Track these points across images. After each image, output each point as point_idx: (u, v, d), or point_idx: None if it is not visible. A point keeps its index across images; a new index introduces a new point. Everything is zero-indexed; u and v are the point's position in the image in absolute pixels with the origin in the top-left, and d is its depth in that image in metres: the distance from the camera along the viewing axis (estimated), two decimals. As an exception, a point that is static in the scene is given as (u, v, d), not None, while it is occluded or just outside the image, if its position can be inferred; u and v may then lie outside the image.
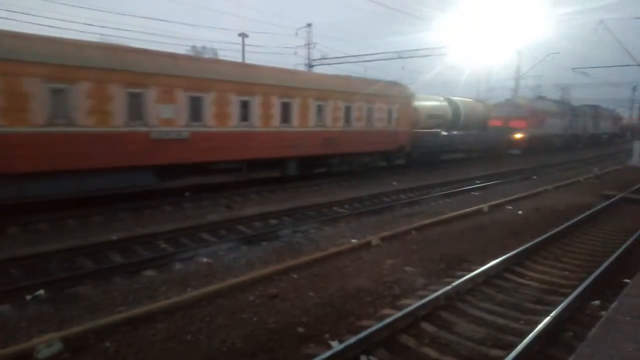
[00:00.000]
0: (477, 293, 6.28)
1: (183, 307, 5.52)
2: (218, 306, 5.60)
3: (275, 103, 13.95)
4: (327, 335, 4.99)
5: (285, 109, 14.29)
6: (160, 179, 11.68)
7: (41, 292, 5.97)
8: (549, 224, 10.20)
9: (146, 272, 7.03)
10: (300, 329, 5.10)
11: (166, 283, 6.37)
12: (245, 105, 13.14)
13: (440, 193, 14.79)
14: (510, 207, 12.50)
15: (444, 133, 22.83)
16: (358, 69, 39.98)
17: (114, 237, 8.56)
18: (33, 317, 5.24)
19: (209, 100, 12.18)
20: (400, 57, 36.10)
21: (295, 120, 14.61)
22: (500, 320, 5.38)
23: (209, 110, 12.19)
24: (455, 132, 24.05)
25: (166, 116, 11.31)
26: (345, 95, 16.33)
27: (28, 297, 5.83)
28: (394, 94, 18.65)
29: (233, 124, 12.85)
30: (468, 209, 11.72)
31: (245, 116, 13.15)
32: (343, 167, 16.93)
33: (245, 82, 13.12)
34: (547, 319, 5.06)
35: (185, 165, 12.05)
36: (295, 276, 6.69)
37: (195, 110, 11.93)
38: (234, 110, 12.85)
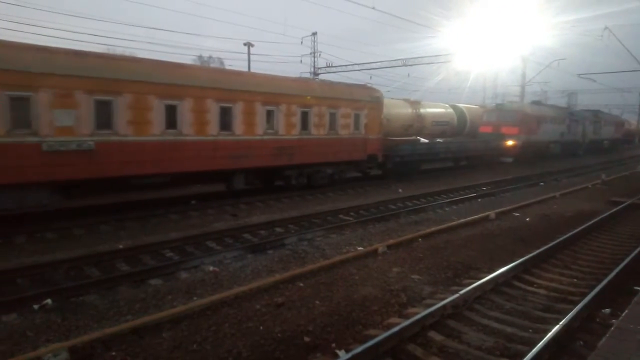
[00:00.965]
0: (485, 301, 6.22)
1: (189, 316, 5.51)
2: (224, 315, 5.59)
3: (212, 108, 12.06)
4: (333, 345, 4.95)
5: (225, 114, 12.41)
6: (63, 197, 10.09)
7: (48, 301, 5.98)
8: (557, 230, 10.11)
9: (152, 281, 7.02)
10: (307, 338, 5.07)
11: (172, 292, 6.37)
12: (172, 111, 11.23)
13: (447, 200, 14.71)
14: (517, 214, 12.42)
15: (424, 140, 21.28)
16: (363, 77, 40.08)
17: (121, 246, 8.58)
18: (40, 326, 5.25)
19: (121, 104, 10.34)
20: (405, 65, 36.25)
21: (238, 127, 12.71)
22: (509, 329, 5.32)
23: (122, 117, 10.37)
24: (439, 140, 22.82)
25: (63, 124, 9.52)
26: (302, 99, 14.52)
27: (35, 306, 5.84)
28: (362, 98, 16.88)
29: (156, 132, 10.95)
30: (475, 216, 11.66)
31: (172, 123, 11.23)
32: (302, 179, 15.22)
33: (171, 84, 11.21)
34: (556, 328, 5.00)
35: (95, 181, 10.22)
36: (301, 284, 6.67)
37: (104, 116, 10.11)
38: (157, 116, 10.95)
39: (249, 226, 10.33)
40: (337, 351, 4.77)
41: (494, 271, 6.99)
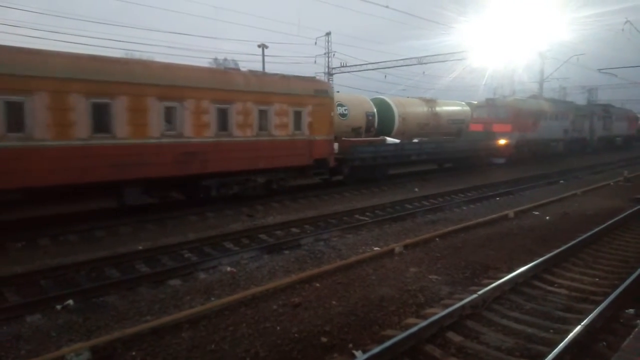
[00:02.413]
0: (504, 301, 6.13)
1: (207, 316, 5.57)
2: (241, 315, 5.63)
3: (79, 104, 9.58)
4: (350, 345, 4.95)
5: (101, 112, 9.91)
6: None
7: (70, 301, 6.11)
8: (578, 229, 9.91)
9: (171, 281, 7.12)
10: (324, 339, 5.07)
11: (191, 292, 6.44)
12: (15, 109, 8.84)
13: (464, 199, 14.55)
14: (537, 213, 12.21)
15: (392, 141, 19.07)
16: (378, 76, 39.99)
17: (140, 248, 8.72)
18: (63, 326, 5.37)
19: None
20: (420, 63, 36.00)
21: (122, 128, 10.19)
22: (529, 330, 5.23)
23: None
24: (415, 140, 21.01)
25: None
26: (218, 93, 11.93)
27: (58, 307, 5.98)
28: (304, 93, 14.22)
29: None
30: (493, 215, 11.51)
31: (18, 125, 8.87)
32: (227, 190, 12.81)
33: (13, 75, 8.79)
34: (578, 328, 4.90)
35: None
36: (318, 285, 6.67)
37: None
38: None
39: (265, 227, 10.40)
40: (354, 352, 4.76)
41: (513, 271, 6.89)
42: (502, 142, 23.46)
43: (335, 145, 15.84)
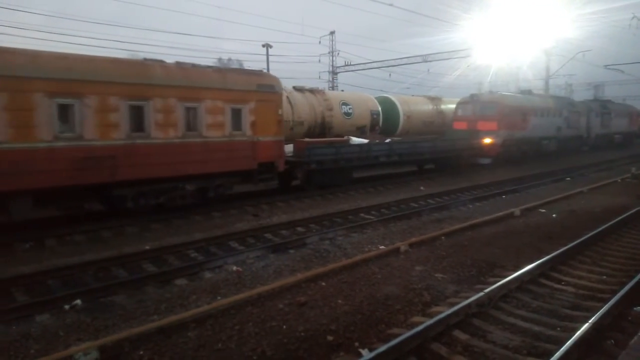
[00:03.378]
0: (510, 299, 6.11)
1: (214, 315, 5.60)
2: (247, 314, 5.65)
3: None
4: (356, 344, 4.95)
5: None
6: None
7: (78, 301, 6.16)
8: (585, 227, 9.85)
9: (178, 281, 7.15)
10: (330, 337, 5.08)
11: (197, 292, 6.47)
12: None
13: (470, 197, 14.50)
14: (543, 210, 12.15)
15: (358, 141, 17.44)
16: (382, 74, 39.92)
17: (147, 247, 8.77)
18: (71, 326, 5.42)
19: None
20: (425, 61, 35.88)
21: None
22: (536, 328, 5.21)
23: None
24: (388, 140, 19.38)
25: None
26: (130, 88, 10.27)
27: (66, 307, 6.03)
28: (245, 88, 12.52)
29: None
30: (499, 213, 11.47)
31: None
32: (148, 200, 11.05)
33: None
34: (585, 326, 4.87)
35: None
36: (324, 284, 6.68)
37: None
38: None
39: (270, 226, 10.42)
40: (361, 350, 4.77)
41: (520, 269, 6.86)
42: (487, 141, 21.96)
43: (290, 147, 14.89)
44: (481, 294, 5.82)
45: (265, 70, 13.45)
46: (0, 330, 5.42)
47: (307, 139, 16.20)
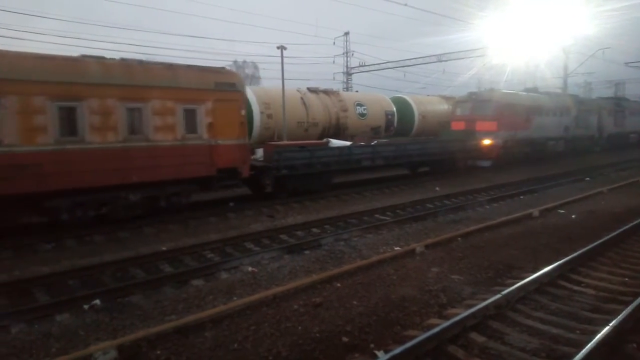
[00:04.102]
0: (529, 302, 6.01)
1: (230, 315, 5.63)
2: (263, 315, 5.67)
3: None
4: (372, 345, 4.93)
5: None
6: None
7: (97, 301, 6.27)
8: (606, 228, 9.64)
9: (194, 281, 7.23)
10: (345, 339, 5.07)
11: (213, 292, 6.53)
12: None
13: (487, 198, 14.32)
14: (562, 211, 11.94)
15: (339, 143, 16.36)
16: (397, 74, 39.77)
17: (164, 248, 8.88)
18: (90, 325, 5.51)
19: None
20: (439, 60, 35.62)
21: None
22: (555, 330, 5.12)
23: None
24: (374, 143, 18.28)
25: None
26: (59, 87, 9.28)
27: (85, 306, 6.14)
28: (202, 87, 11.43)
29: None
30: (517, 214, 11.30)
31: None
32: (86, 212, 10.05)
33: None
34: (606, 329, 4.77)
35: None
36: (339, 285, 6.67)
37: None
38: None
39: (285, 227, 10.45)
40: (376, 352, 4.75)
41: (538, 270, 6.75)
42: (486, 142, 20.52)
43: (260, 151, 14.30)
44: (498, 295, 5.74)
45: (228, 68, 12.51)
46: (23, 329, 5.56)
47: (276, 142, 15.03)
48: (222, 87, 11.81)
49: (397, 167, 19.01)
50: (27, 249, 8.87)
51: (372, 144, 17.80)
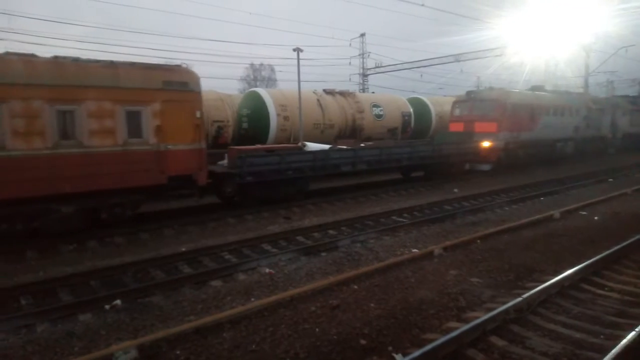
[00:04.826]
0: (550, 305, 5.90)
1: (247, 316, 5.67)
2: (280, 316, 5.69)
3: None
4: (390, 348, 4.90)
5: None
6: None
7: (118, 301, 6.37)
8: (630, 229, 9.41)
9: (213, 282, 7.30)
10: (363, 341, 5.05)
11: (231, 293, 6.58)
12: None
13: (506, 199, 14.11)
14: (584, 213, 11.68)
15: (316, 147, 15.10)
16: (414, 75, 39.56)
17: (183, 249, 8.99)
18: (111, 325, 5.61)
19: None
20: (457, 60, 35.26)
21: None
22: (578, 335, 5.01)
23: None
24: (362, 145, 17.30)
25: None
26: None
27: (107, 307, 6.25)
28: (147, 86, 10.29)
29: None
30: (538, 216, 11.11)
31: None
32: (6, 226, 9.11)
33: None
34: (632, 334, 4.65)
35: None
36: (356, 287, 6.65)
37: None
38: None
39: (302, 229, 10.47)
40: (394, 355, 4.72)
41: (560, 273, 6.62)
42: (485, 144, 19.23)
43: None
44: (519, 299, 5.65)
45: (184, 65, 11.27)
46: (47, 328, 5.70)
47: (240, 147, 13.56)
48: (173, 86, 10.67)
49: (391, 172, 18.02)
50: (51, 250, 9.08)
51: (359, 147, 16.69)
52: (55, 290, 7.03)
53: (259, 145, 15.07)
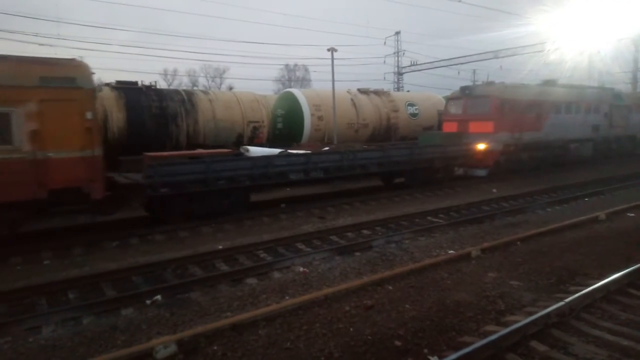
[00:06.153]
0: (595, 310, 5.66)
1: (282, 314, 5.73)
2: (315, 315, 5.72)
3: None
4: (426, 350, 4.83)
5: None
6: None
7: (158, 297, 6.59)
8: (684, 233, 8.88)
9: (248, 280, 7.43)
10: (398, 342, 5.00)
11: (266, 291, 6.66)
12: None
13: (548, 200, 13.61)
14: (632, 215, 11.12)
15: (263, 152, 13.18)
16: (450, 72, 38.77)
17: (220, 247, 9.18)
18: (152, 320, 5.80)
19: None
20: (496, 57, 34.30)
21: None
22: (625, 342, 4.77)
23: None
24: (326, 148, 14.97)
25: None
26: None
27: (148, 302, 6.47)
28: (17, 82, 8.66)
29: None
30: (581, 217, 10.65)
31: None
32: None
33: None
34: (686, 344, 4.38)
35: None
36: (390, 287, 6.60)
37: None
38: None
39: (336, 228, 10.47)
40: (430, 357, 4.65)
41: (606, 277, 6.33)
42: (480, 146, 16.92)
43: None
44: (562, 303, 5.44)
45: (78, 59, 9.79)
46: (92, 321, 5.96)
47: (154, 153, 11.61)
48: (54, 83, 8.99)
49: (342, 180, 15.20)
50: (96, 246, 9.49)
51: (314, 152, 13.84)
52: (99, 285, 7.34)
53: (178, 152, 13.27)
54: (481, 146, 16.94)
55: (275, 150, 13.48)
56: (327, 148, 15.08)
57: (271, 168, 12.23)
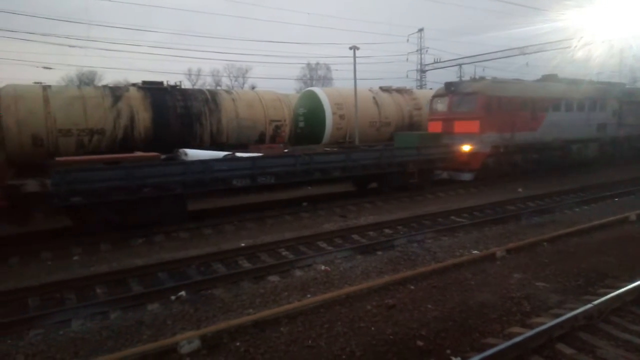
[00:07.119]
0: (625, 314, 5.49)
1: (304, 312, 5.76)
2: (336, 313, 5.73)
3: None
4: (448, 351, 4.79)
5: None
6: None
7: (183, 293, 6.71)
8: None
9: (270, 277, 7.49)
10: (420, 342, 4.97)
11: (288, 289, 6.71)
12: None
13: (576, 200, 13.26)
14: (666, 215, 10.72)
15: (202, 155, 11.84)
16: (477, 70, 38.09)
17: (242, 244, 9.29)
18: (177, 315, 5.92)
19: None
20: (522, 54, 33.54)
21: None
22: (658, 347, 4.62)
23: None
24: (286, 151, 14.04)
25: None
26: None
27: (172, 298, 6.59)
28: None
29: None
30: (611, 218, 10.35)
31: None
32: None
33: None
34: None
35: None
36: (412, 287, 6.56)
37: None
38: None
39: (357, 227, 10.45)
40: (453, 358, 4.60)
41: (636, 280, 6.13)
42: (465, 148, 15.52)
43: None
44: (589, 305, 5.31)
45: None
46: (119, 316, 6.11)
47: (65, 158, 10.54)
48: None
49: (294, 186, 14.04)
50: (123, 243, 9.72)
51: (263, 155, 12.54)
52: (126, 280, 7.52)
53: (91, 156, 11.71)
54: (466, 148, 15.57)
55: (220, 154, 12.33)
56: (286, 150, 14.11)
57: (209, 174, 10.91)
